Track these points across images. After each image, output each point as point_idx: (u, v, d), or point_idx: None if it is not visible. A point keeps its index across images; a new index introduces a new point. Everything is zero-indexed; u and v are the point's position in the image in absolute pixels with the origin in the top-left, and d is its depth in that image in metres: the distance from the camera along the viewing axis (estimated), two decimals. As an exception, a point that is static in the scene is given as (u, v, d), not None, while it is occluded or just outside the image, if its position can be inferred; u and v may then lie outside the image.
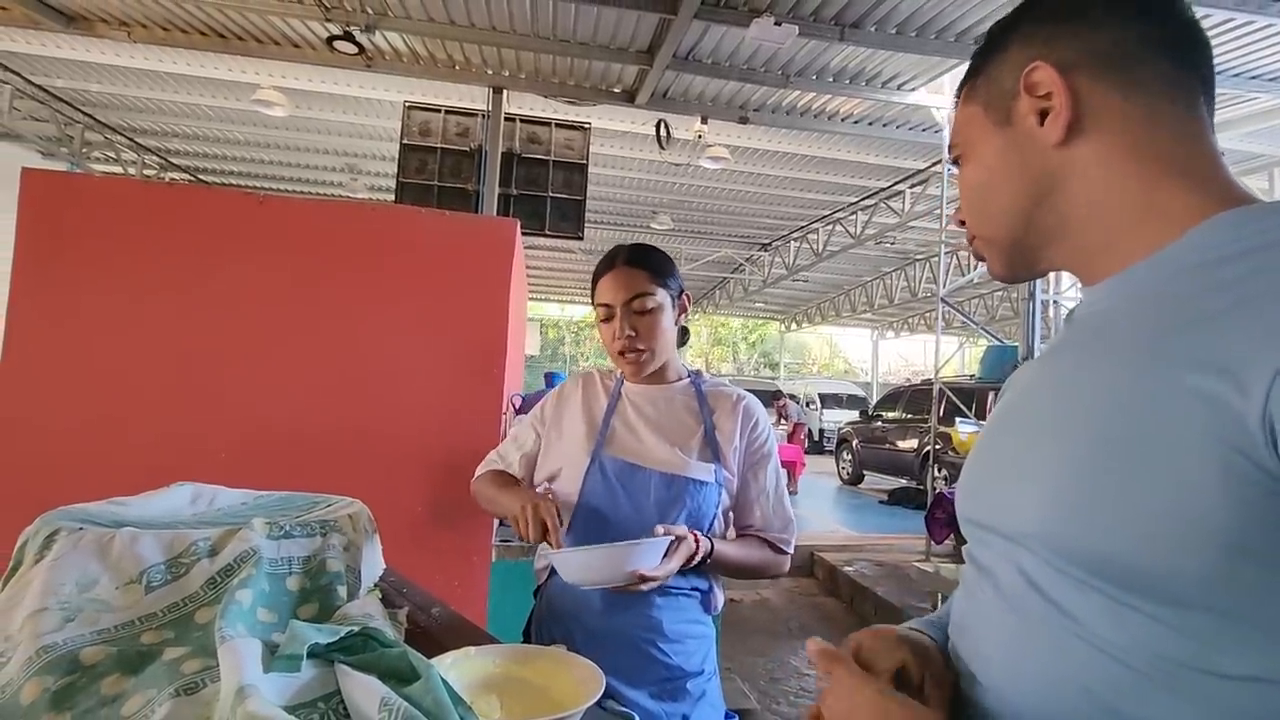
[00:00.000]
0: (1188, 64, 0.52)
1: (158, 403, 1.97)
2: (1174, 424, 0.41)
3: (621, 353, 1.22)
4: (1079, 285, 0.59)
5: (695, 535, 1.10)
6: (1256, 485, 0.38)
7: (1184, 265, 0.47)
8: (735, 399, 1.26)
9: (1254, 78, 4.74)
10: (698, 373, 1.32)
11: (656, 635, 1.14)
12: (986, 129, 0.57)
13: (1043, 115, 0.53)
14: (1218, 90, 0.56)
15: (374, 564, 0.87)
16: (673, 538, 1.04)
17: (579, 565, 1.01)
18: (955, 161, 0.64)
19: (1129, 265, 0.51)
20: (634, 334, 1.20)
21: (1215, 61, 0.53)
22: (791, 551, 1.24)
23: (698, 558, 1.09)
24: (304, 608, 0.72)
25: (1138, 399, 0.44)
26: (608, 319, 1.23)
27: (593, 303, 1.28)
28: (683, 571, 1.09)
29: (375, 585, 0.88)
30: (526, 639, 1.24)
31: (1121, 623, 0.43)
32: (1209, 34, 0.54)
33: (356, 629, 0.62)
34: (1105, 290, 0.53)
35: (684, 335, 1.33)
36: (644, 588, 1.02)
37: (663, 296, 1.22)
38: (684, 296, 1.29)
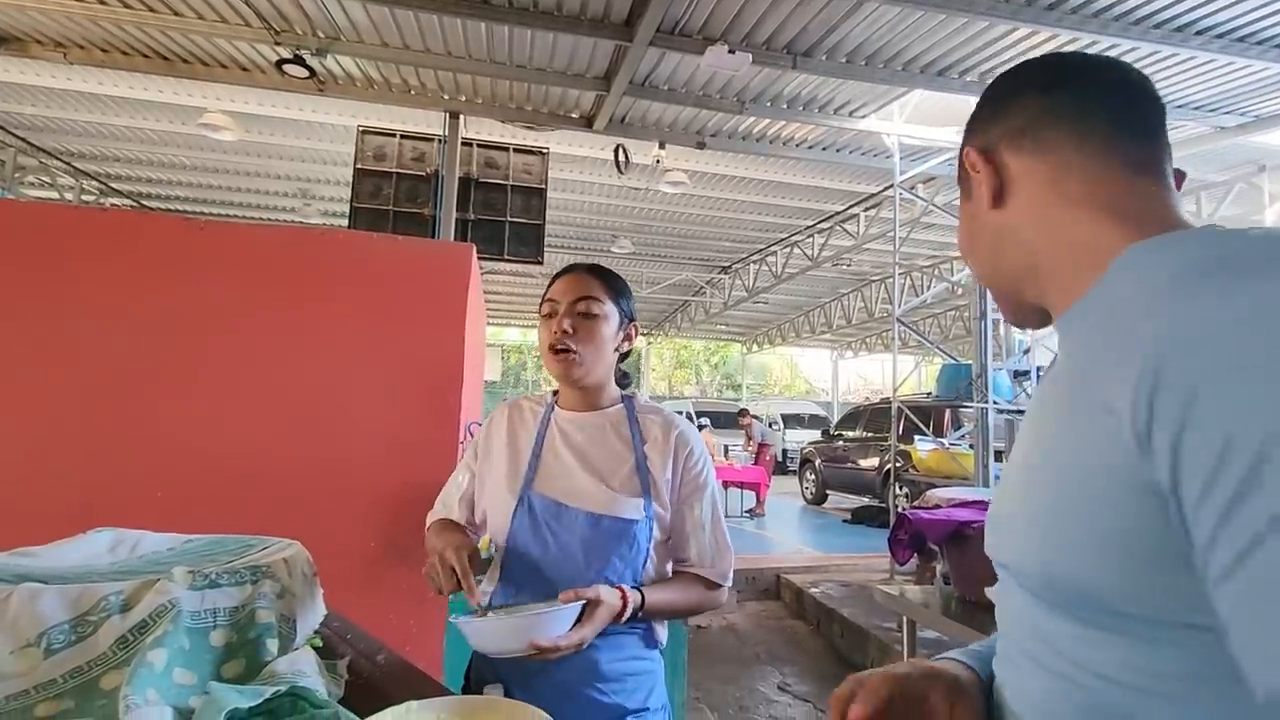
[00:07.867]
0: (1091, 114, 0.59)
1: (87, 439, 1.85)
2: (1090, 463, 0.48)
3: (553, 348, 1.18)
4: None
5: (623, 591, 1.04)
6: (1145, 496, 0.44)
7: (1109, 304, 0.53)
8: (668, 428, 1.21)
9: (1179, 106, 5.01)
10: (631, 396, 1.28)
11: (594, 677, 1.09)
12: (963, 203, 0.71)
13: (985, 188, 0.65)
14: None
15: (313, 611, 0.80)
16: (583, 603, 0.98)
17: (478, 634, 0.94)
18: None
19: (1070, 304, 0.58)
20: (571, 332, 1.16)
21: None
22: (728, 584, 1.21)
23: (626, 613, 1.04)
24: (229, 665, 0.66)
25: (1068, 442, 0.51)
26: (550, 314, 1.20)
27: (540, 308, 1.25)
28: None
29: (315, 633, 0.81)
30: (466, 682, 1.18)
31: (1086, 641, 0.50)
32: (1140, 67, 0.62)
33: (284, 688, 0.56)
34: (1059, 333, 0.61)
35: (625, 358, 1.29)
36: (553, 657, 0.95)
37: (610, 310, 1.20)
38: (632, 325, 1.27)
